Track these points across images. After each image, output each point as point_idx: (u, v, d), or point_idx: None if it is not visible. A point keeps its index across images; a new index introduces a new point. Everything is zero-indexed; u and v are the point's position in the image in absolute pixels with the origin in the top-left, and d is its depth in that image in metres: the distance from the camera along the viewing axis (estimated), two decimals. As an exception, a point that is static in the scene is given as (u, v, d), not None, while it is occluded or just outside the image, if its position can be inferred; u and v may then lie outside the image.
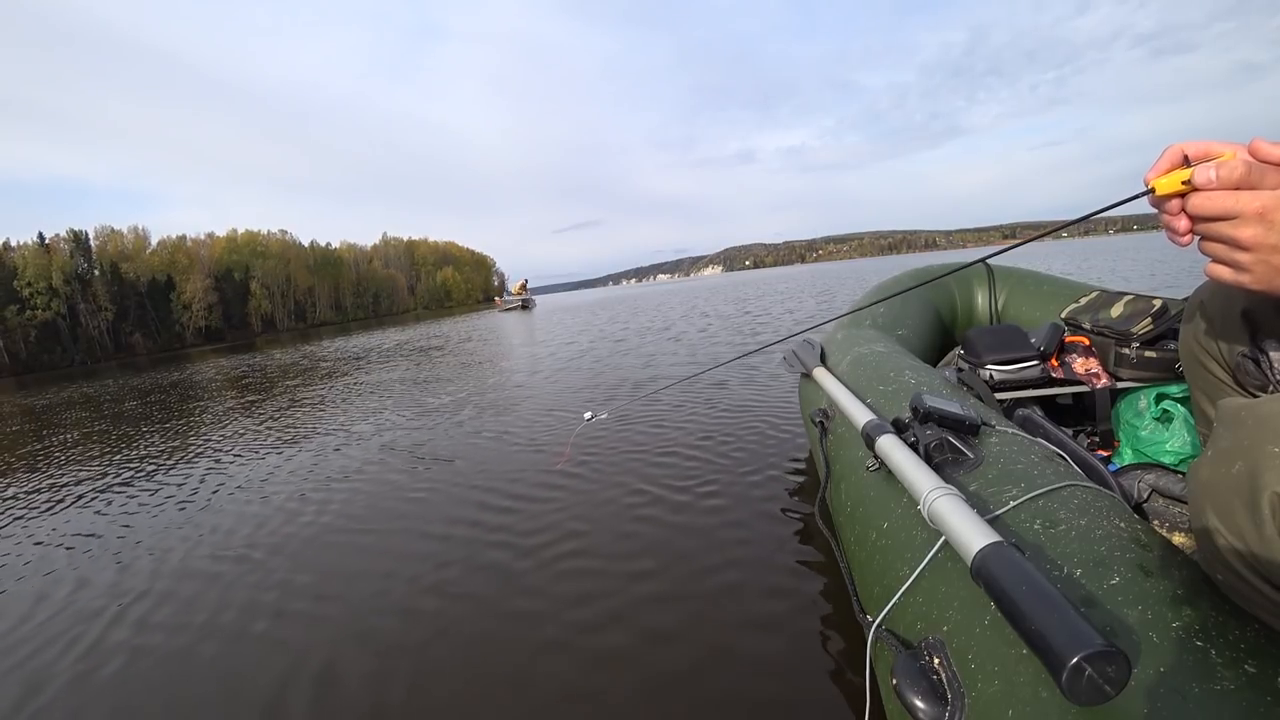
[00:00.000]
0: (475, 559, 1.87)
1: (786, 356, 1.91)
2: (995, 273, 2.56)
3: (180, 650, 1.60)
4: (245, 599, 1.83)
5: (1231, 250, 0.51)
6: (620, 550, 1.78)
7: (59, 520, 2.99)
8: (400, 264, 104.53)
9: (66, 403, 10.05)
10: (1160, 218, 0.55)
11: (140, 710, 1.39)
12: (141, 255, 62.67)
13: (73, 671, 1.57)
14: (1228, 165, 0.49)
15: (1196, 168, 0.51)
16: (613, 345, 7.47)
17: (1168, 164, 0.54)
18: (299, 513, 2.55)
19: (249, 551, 2.20)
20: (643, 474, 2.40)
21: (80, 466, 4.25)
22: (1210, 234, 0.52)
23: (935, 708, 0.59)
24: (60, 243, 56.78)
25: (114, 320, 58.73)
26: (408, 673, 1.35)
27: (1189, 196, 0.52)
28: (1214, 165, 0.50)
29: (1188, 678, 0.46)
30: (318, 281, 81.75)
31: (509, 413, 4.03)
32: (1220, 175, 0.50)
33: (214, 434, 4.81)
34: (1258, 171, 0.49)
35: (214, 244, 70.25)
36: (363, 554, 2.04)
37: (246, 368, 12.39)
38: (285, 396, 6.51)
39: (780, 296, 14.35)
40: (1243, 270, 0.52)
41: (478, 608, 1.59)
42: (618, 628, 1.40)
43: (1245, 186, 0.49)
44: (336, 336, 23.46)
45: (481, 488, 2.53)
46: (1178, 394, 1.44)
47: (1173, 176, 0.53)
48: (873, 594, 0.83)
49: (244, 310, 69.83)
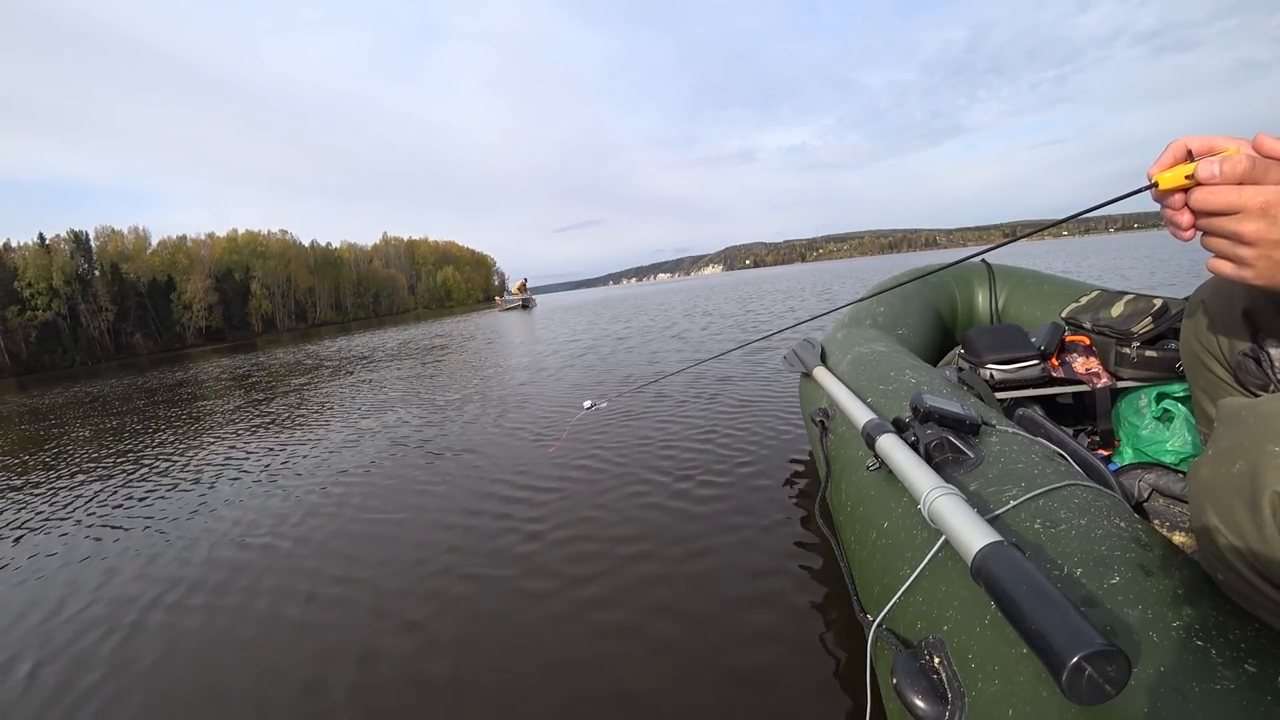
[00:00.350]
0: (491, 543, 1.95)
1: (787, 356, 1.91)
2: (995, 272, 2.56)
3: (217, 635, 1.66)
4: (276, 585, 1.88)
5: (1234, 245, 0.51)
6: (620, 542, 1.79)
7: (83, 514, 3.03)
8: (400, 264, 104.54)
9: (73, 402, 10.08)
10: (1163, 213, 0.55)
11: (179, 690, 1.44)
12: (142, 255, 62.70)
13: (112, 656, 1.62)
14: (1231, 160, 0.49)
15: (1200, 162, 0.51)
16: (615, 343, 7.50)
17: (1171, 158, 0.54)
18: (320, 505, 2.60)
19: (275, 541, 2.24)
20: (644, 470, 2.41)
21: (96, 464, 4.28)
22: (1213, 229, 0.52)
23: (935, 707, 0.59)
24: (60, 243, 56.81)
25: (114, 321, 58.77)
26: (445, 649, 1.42)
27: (1192, 191, 0.52)
28: (1217, 160, 0.50)
29: (1188, 677, 0.46)
30: (318, 281, 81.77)
31: (518, 409, 4.06)
32: (1224, 170, 0.50)
33: (227, 431, 4.82)
34: (1261, 166, 0.49)
35: (214, 244, 70.27)
36: (386, 542, 2.10)
37: (251, 367, 12.41)
38: (294, 395, 6.53)
39: (782, 295, 14.37)
40: (1245, 265, 0.51)
41: (498, 589, 1.66)
42: (617, 630, 1.41)
43: (1249, 181, 0.49)
44: (338, 336, 23.49)
45: (490, 479, 2.59)
46: (1178, 393, 1.44)
47: (1176, 171, 0.53)
48: (873, 593, 0.83)
49: (244, 310, 69.86)
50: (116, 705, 1.40)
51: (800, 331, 7.25)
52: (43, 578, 2.23)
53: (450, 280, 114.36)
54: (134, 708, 1.39)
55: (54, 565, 2.35)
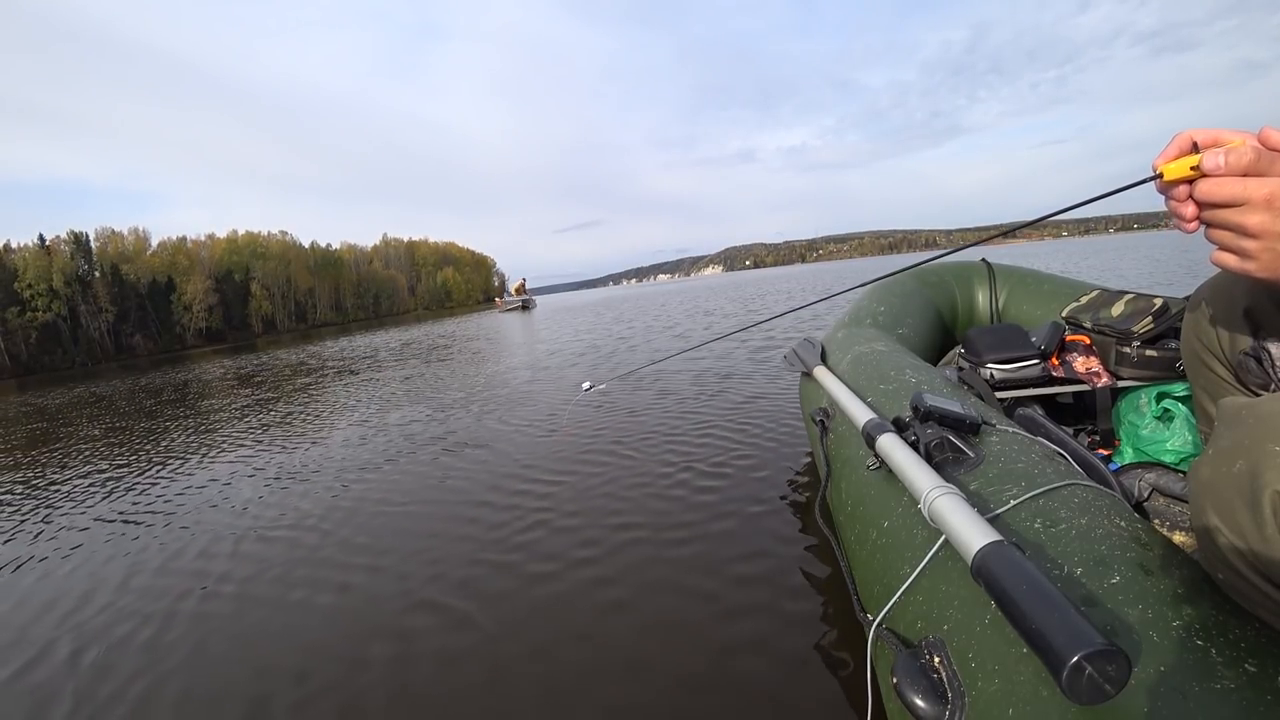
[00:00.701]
0: (500, 531, 2.02)
1: (787, 355, 1.91)
2: (996, 272, 2.56)
3: (254, 620, 1.70)
4: (306, 575, 1.92)
5: (1238, 237, 0.51)
6: (614, 540, 1.80)
7: (104, 508, 3.05)
8: (400, 264, 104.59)
9: (78, 401, 10.07)
10: (1167, 204, 0.55)
11: (222, 667, 1.48)
12: (142, 256, 62.74)
13: (151, 640, 1.65)
14: (1236, 151, 0.49)
15: (1205, 153, 0.51)
16: (618, 342, 7.55)
17: (1176, 150, 0.54)
18: (340, 498, 2.63)
19: (300, 535, 2.26)
20: (645, 466, 2.43)
21: (107, 461, 4.30)
22: (1217, 221, 0.52)
23: (935, 707, 0.59)
24: (61, 244, 56.84)
25: (114, 321, 58.79)
26: (477, 629, 1.47)
27: (1197, 183, 0.52)
28: (1223, 151, 0.50)
29: (1188, 677, 0.46)
30: (318, 282, 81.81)
31: (524, 404, 4.11)
32: (1229, 161, 0.50)
33: (236, 429, 4.84)
34: (1266, 159, 0.49)
35: (214, 245, 70.32)
36: (407, 534, 2.13)
37: (255, 367, 12.41)
38: (302, 394, 6.55)
39: (783, 295, 14.38)
40: (1249, 257, 0.51)
41: (514, 571, 1.73)
42: (613, 617, 1.42)
43: (1254, 173, 0.49)
44: (340, 337, 23.51)
45: (501, 473, 2.65)
46: (1179, 393, 1.44)
47: (1181, 162, 0.53)
48: (873, 593, 0.83)
49: (245, 311, 69.88)
50: (159, 684, 1.44)
51: (800, 318, 7.31)
52: (69, 570, 2.25)
53: (450, 281, 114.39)
54: (176, 686, 1.43)
55: (79, 558, 2.36)
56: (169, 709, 1.35)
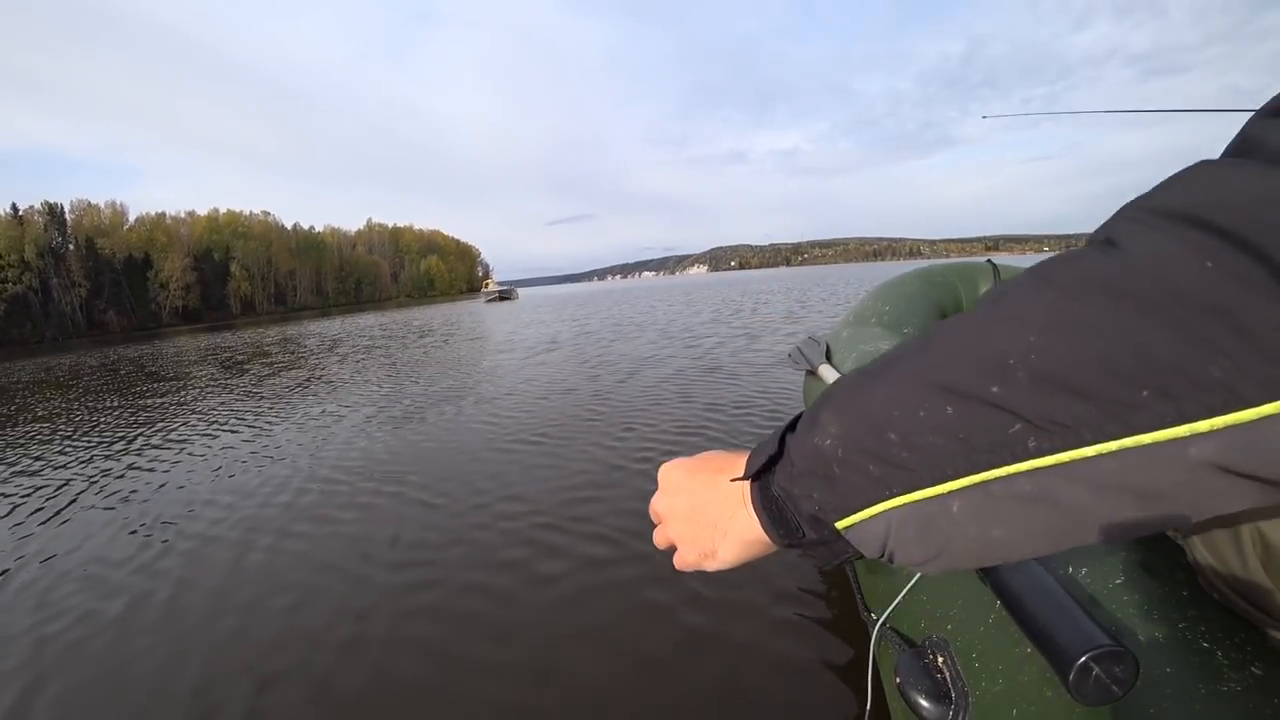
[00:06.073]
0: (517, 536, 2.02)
1: (791, 353, 1.90)
2: (1001, 272, 2.57)
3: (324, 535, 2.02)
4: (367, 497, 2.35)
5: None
6: (613, 539, 1.79)
7: (147, 457, 3.23)
8: (384, 250, 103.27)
9: (53, 382, 9.78)
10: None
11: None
12: (119, 231, 61.21)
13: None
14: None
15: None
16: (614, 337, 7.51)
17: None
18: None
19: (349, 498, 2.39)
20: (645, 465, 2.43)
21: (121, 429, 4.28)
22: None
23: (939, 706, 0.59)
24: (34, 215, 55.24)
25: (88, 296, 57.33)
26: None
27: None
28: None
29: (1194, 679, 0.47)
30: (299, 265, 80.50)
31: (519, 394, 4.11)
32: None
33: (227, 403, 4.81)
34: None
35: (194, 223, 68.80)
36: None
37: (241, 345, 12.12)
38: (303, 370, 6.55)
39: (778, 295, 14.43)
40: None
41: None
42: (611, 619, 1.41)
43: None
44: (320, 319, 23.09)
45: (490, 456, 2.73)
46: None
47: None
48: (877, 592, 0.84)
49: (223, 291, 68.53)
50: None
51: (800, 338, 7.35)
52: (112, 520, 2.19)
53: (434, 269, 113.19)
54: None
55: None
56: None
